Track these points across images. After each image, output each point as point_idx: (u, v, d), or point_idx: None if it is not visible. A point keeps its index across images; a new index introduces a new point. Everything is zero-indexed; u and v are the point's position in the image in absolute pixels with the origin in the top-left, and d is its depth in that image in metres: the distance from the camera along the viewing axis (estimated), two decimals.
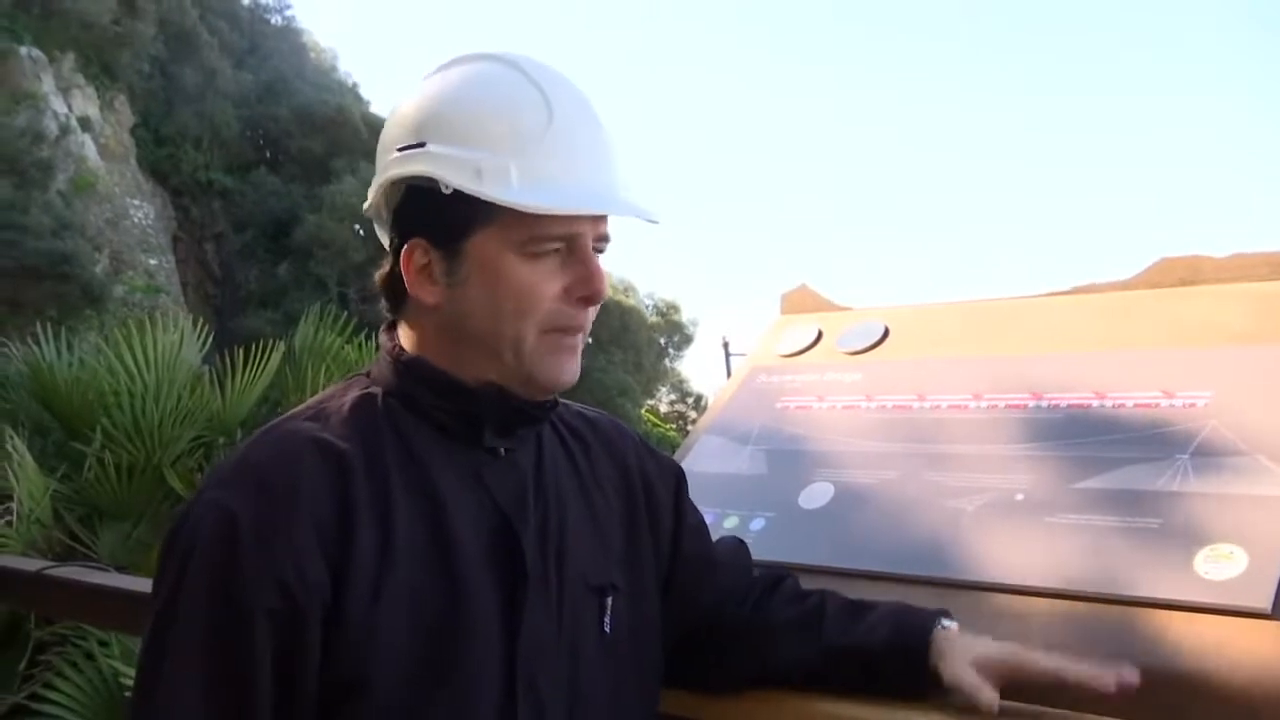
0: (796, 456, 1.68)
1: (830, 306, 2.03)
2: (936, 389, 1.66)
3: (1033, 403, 1.54)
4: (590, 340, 1.13)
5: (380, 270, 1.14)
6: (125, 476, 4.38)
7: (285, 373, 5.23)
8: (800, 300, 2.08)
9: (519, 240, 1.04)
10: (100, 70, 15.26)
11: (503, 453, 1.11)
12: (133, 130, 16.00)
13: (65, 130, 13.43)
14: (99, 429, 4.45)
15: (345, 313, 6.00)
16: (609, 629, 1.13)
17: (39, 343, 4.84)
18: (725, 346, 23.35)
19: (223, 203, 17.65)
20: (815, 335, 1.93)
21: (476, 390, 1.08)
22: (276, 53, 20.21)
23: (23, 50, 13.31)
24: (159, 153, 16.95)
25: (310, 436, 1.03)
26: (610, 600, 1.14)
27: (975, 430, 1.55)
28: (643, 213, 1.09)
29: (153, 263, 14.71)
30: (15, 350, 5.10)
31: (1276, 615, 1.12)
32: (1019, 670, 1.11)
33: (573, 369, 1.10)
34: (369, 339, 5.59)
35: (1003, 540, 1.36)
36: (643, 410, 23.69)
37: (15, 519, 3.92)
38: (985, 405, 1.58)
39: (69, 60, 14.44)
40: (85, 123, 14.27)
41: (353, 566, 0.98)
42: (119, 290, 12.63)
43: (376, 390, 1.11)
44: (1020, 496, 1.40)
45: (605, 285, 1.08)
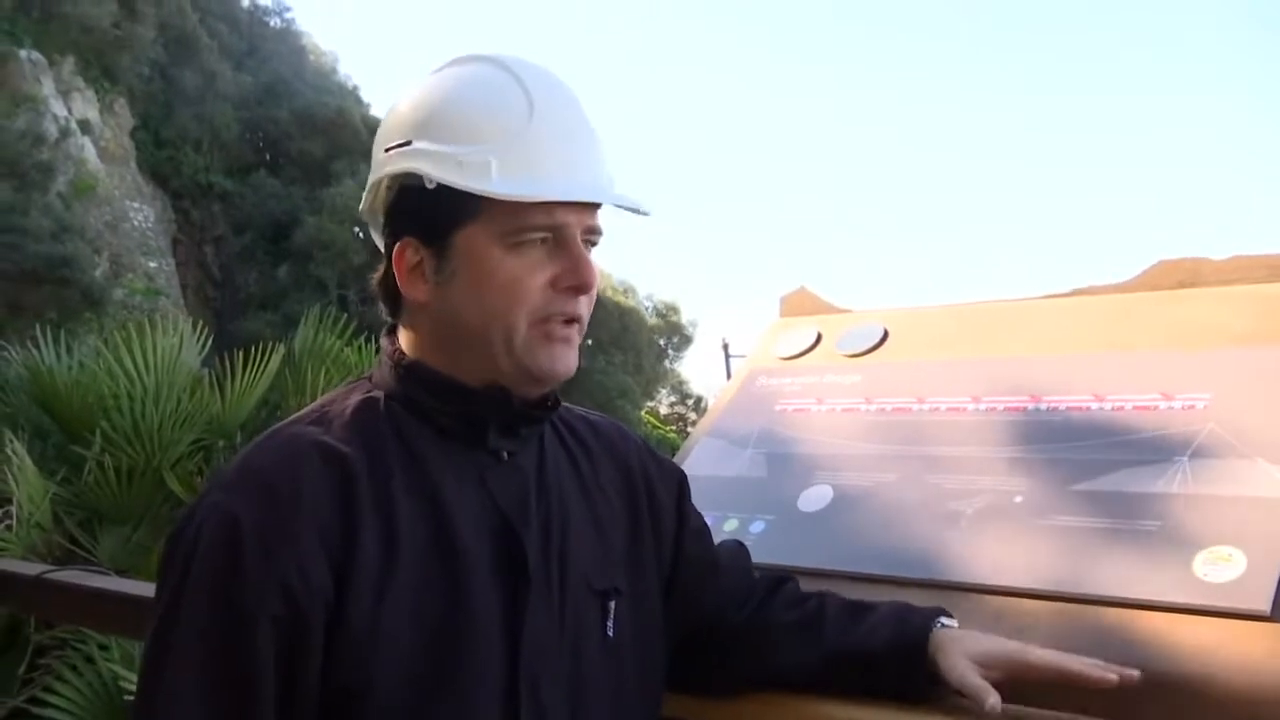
0: (796, 459, 1.68)
1: (829, 309, 2.03)
2: (935, 391, 1.66)
3: (1031, 405, 1.54)
4: (590, 342, 1.13)
5: (376, 273, 1.14)
6: (125, 480, 4.38)
7: (285, 375, 5.22)
8: (799, 302, 2.08)
9: (502, 232, 1.04)
10: (100, 73, 15.28)
11: (505, 455, 1.11)
12: (133, 133, 16.02)
13: (65, 133, 13.44)
14: (99, 432, 4.45)
15: (345, 315, 5.99)
16: (611, 632, 1.13)
17: (39, 346, 4.84)
18: (725, 348, 23.38)
19: (222, 205, 17.66)
20: (814, 338, 1.93)
21: (479, 391, 1.08)
22: (276, 55, 20.23)
23: (23, 53, 13.34)
24: (159, 155, 16.97)
25: (313, 440, 1.03)
26: (613, 604, 1.14)
27: (974, 432, 1.55)
28: (628, 202, 1.08)
29: (152, 265, 14.72)
30: (15, 353, 5.10)
31: (1275, 617, 1.12)
32: (1020, 666, 1.11)
33: (568, 359, 1.09)
34: (369, 341, 5.58)
35: (1002, 543, 1.36)
36: (643, 412, 23.68)
37: (15, 523, 3.91)
38: (984, 408, 1.58)
39: (69, 63, 14.46)
40: (85, 126, 14.28)
41: (355, 570, 0.98)
42: (119, 293, 12.64)
43: (379, 394, 1.10)
44: (1019, 499, 1.40)
45: (594, 275, 1.08)
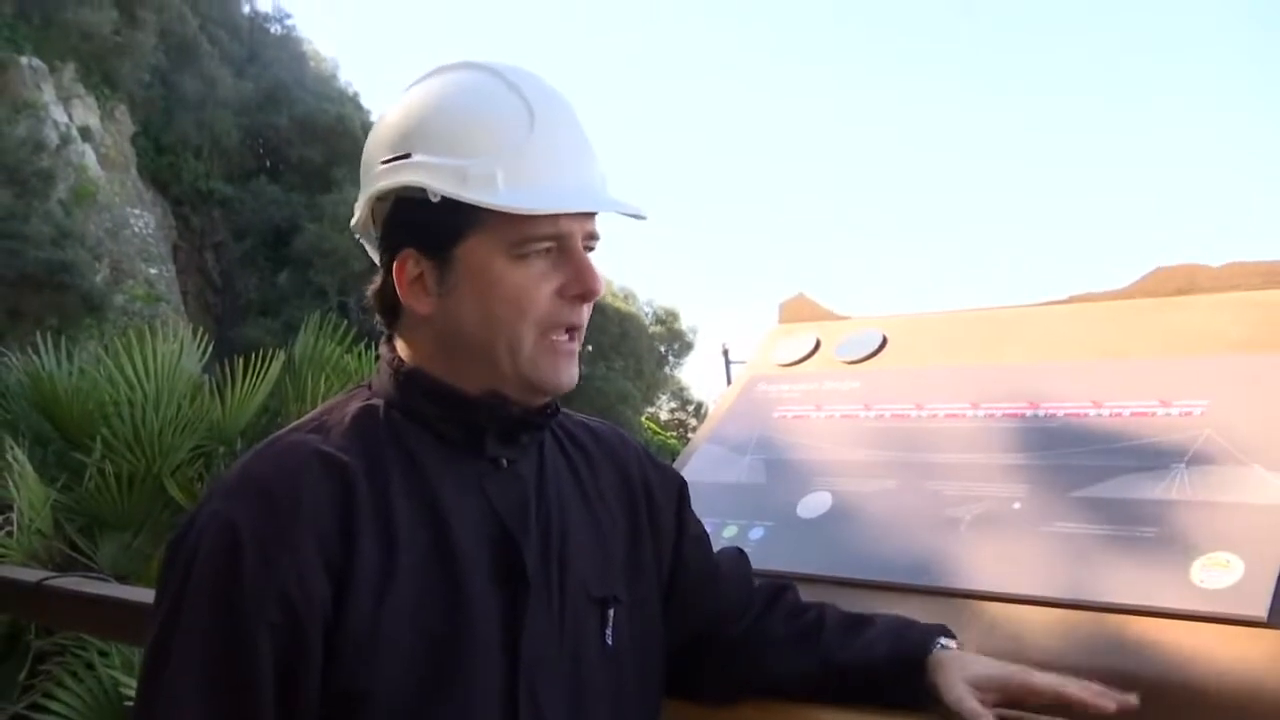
0: (795, 466, 1.68)
1: (828, 315, 2.04)
2: (934, 398, 1.66)
3: (1030, 412, 1.54)
4: (590, 348, 1.13)
5: (372, 285, 1.14)
6: (125, 486, 4.37)
7: (285, 382, 5.21)
8: (798, 309, 2.08)
9: (508, 243, 1.04)
10: (101, 80, 15.28)
11: (505, 463, 1.11)
12: (133, 139, 16.02)
13: (66, 140, 13.45)
14: (99, 438, 4.45)
15: (345, 322, 6.00)
16: (610, 640, 1.13)
17: (39, 352, 4.83)
18: (725, 354, 23.38)
19: (223, 211, 17.67)
20: (813, 344, 1.94)
21: (478, 399, 1.08)
22: (277, 62, 20.23)
23: (23, 60, 13.35)
24: (159, 162, 16.98)
25: (312, 448, 1.03)
26: (612, 612, 1.14)
27: (972, 439, 1.55)
28: (629, 208, 1.09)
29: (153, 272, 14.71)
30: (15, 360, 5.09)
31: (1273, 623, 1.13)
32: (1018, 689, 1.11)
33: (571, 371, 1.10)
34: (369, 348, 5.58)
35: (1000, 549, 1.36)
36: (643, 418, 23.67)
37: (16, 529, 3.92)
38: (982, 414, 1.59)
39: (69, 70, 14.47)
40: (86, 132, 14.29)
41: (355, 578, 0.98)
42: (119, 299, 12.63)
43: (378, 401, 1.11)
44: (1017, 505, 1.41)
45: (599, 282, 1.08)
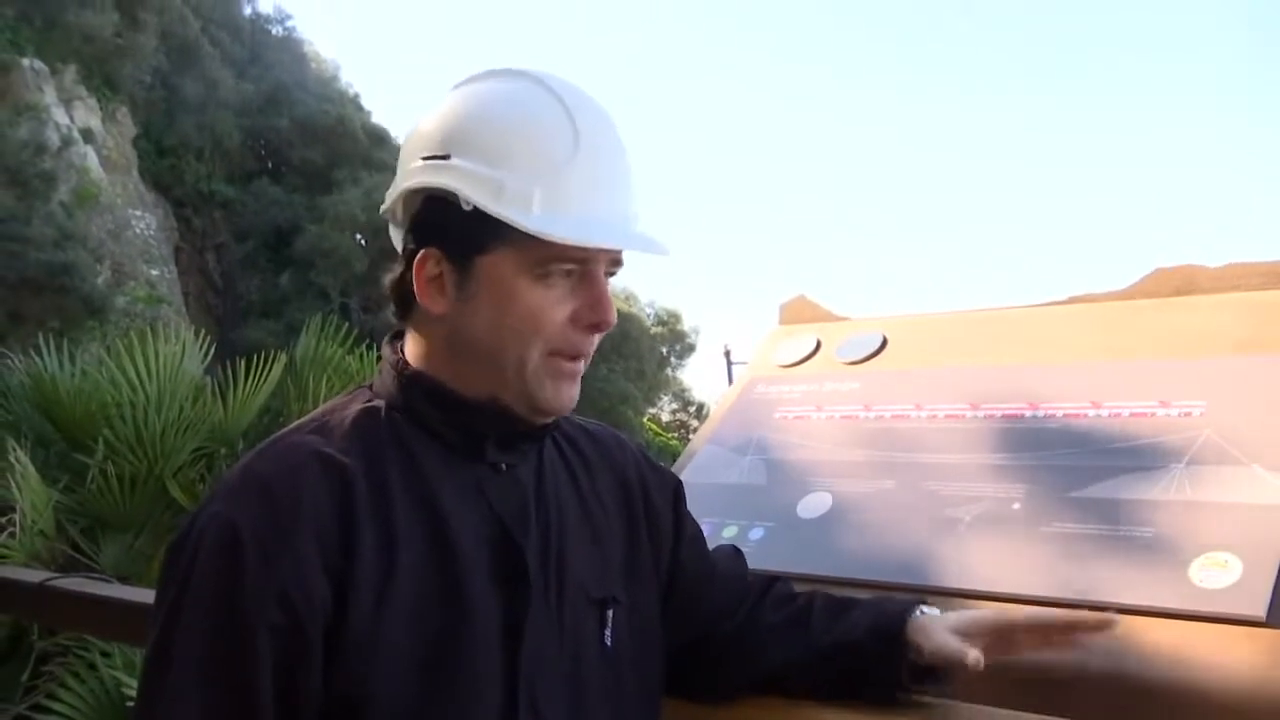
0: (795, 466, 1.69)
1: (828, 316, 2.05)
2: (934, 399, 1.67)
3: (1029, 412, 1.55)
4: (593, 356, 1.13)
5: (390, 274, 1.14)
6: (127, 487, 4.37)
7: (287, 383, 5.21)
8: (798, 310, 2.09)
9: (532, 261, 1.04)
10: (102, 82, 15.30)
11: (504, 467, 1.11)
12: (135, 141, 16.04)
13: (67, 142, 13.46)
14: (101, 440, 4.44)
15: (347, 323, 5.99)
16: (609, 642, 1.14)
17: (41, 354, 4.83)
18: (727, 355, 23.38)
19: (224, 213, 17.69)
20: (814, 345, 1.94)
21: (479, 406, 1.09)
22: (278, 63, 20.24)
23: (25, 62, 13.36)
24: (161, 163, 17.00)
25: (313, 450, 1.03)
26: (611, 613, 1.15)
27: (972, 440, 1.56)
28: (656, 246, 1.09)
29: (154, 273, 14.73)
30: (17, 361, 5.09)
31: (1271, 623, 1.13)
32: (999, 625, 1.12)
33: (572, 395, 1.11)
34: (370, 349, 5.58)
35: (999, 549, 1.37)
36: (644, 419, 23.68)
37: (18, 530, 3.92)
38: (982, 415, 1.59)
39: (71, 72, 14.49)
40: (87, 134, 14.30)
41: (355, 580, 0.98)
42: (121, 301, 12.64)
43: (380, 403, 1.11)
44: (1016, 505, 1.41)
45: (613, 314, 1.08)
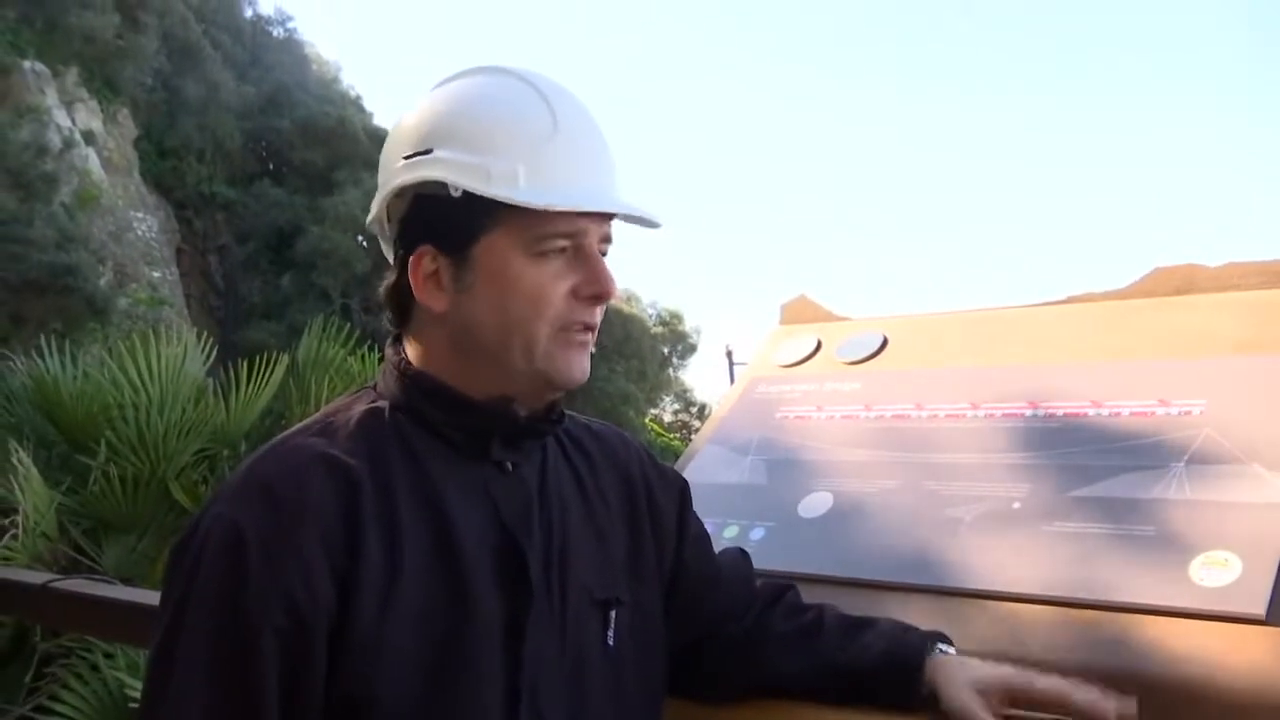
0: (796, 466, 1.69)
1: (829, 316, 2.05)
2: (934, 398, 1.67)
3: (1029, 412, 1.55)
4: (593, 350, 1.14)
5: (385, 282, 1.15)
6: (130, 489, 4.37)
7: (289, 385, 5.21)
8: (799, 310, 2.09)
9: (526, 240, 1.05)
10: (103, 84, 15.31)
11: (509, 466, 1.12)
12: (136, 143, 16.05)
13: (69, 143, 13.47)
14: (103, 442, 4.45)
15: (349, 324, 6.00)
16: (612, 642, 1.14)
17: (43, 356, 4.83)
18: (729, 355, 23.36)
19: (226, 215, 17.69)
20: (814, 345, 1.94)
21: (483, 404, 1.09)
22: (279, 65, 20.26)
23: (26, 64, 13.37)
24: (162, 165, 17.00)
25: (317, 451, 1.03)
26: (614, 613, 1.15)
27: (973, 439, 1.56)
28: (646, 214, 1.11)
29: (156, 275, 14.74)
30: (19, 363, 5.10)
31: (1271, 621, 1.13)
32: (1021, 693, 1.12)
33: (584, 365, 1.11)
34: (372, 350, 5.59)
35: (1000, 549, 1.37)
36: (646, 419, 23.67)
37: (21, 532, 3.92)
38: (983, 414, 1.59)
39: (72, 74, 14.50)
40: (89, 136, 14.31)
41: (360, 582, 0.98)
42: (123, 303, 12.64)
43: (383, 404, 1.11)
44: (1017, 505, 1.41)
45: (614, 284, 1.09)
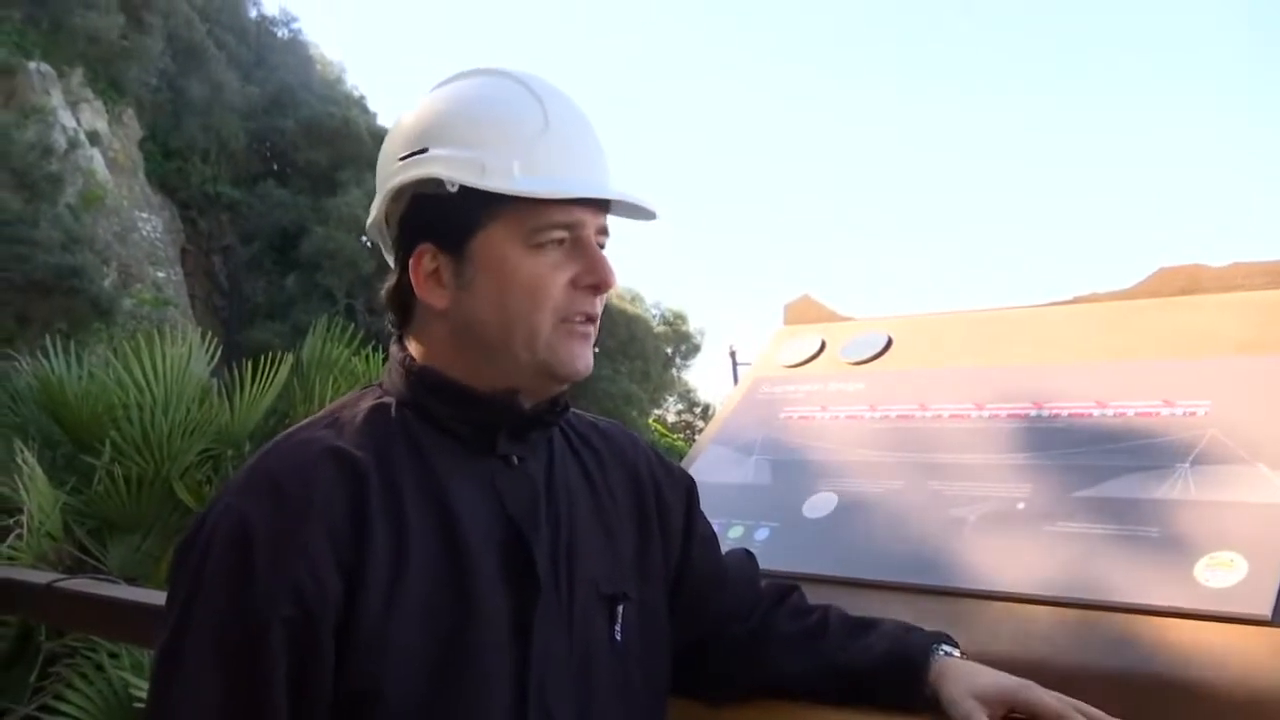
0: (800, 466, 1.69)
1: (833, 317, 2.05)
2: (939, 399, 1.67)
3: (1034, 412, 1.55)
4: (596, 350, 1.14)
5: (386, 284, 1.16)
6: (134, 489, 4.38)
7: (293, 385, 5.22)
8: (803, 310, 2.09)
9: (523, 233, 1.06)
10: (108, 84, 15.33)
11: (515, 461, 1.12)
12: (140, 143, 16.08)
13: (74, 144, 13.49)
14: (108, 442, 4.45)
15: (353, 324, 6.01)
16: (619, 637, 1.14)
17: (48, 356, 4.84)
18: (732, 355, 23.31)
19: (230, 215, 17.71)
20: (818, 346, 1.94)
21: (488, 397, 1.09)
22: (283, 65, 20.28)
23: (31, 65, 13.39)
24: (167, 166, 17.03)
25: (325, 445, 1.04)
26: (621, 609, 1.15)
27: (977, 440, 1.56)
28: (640, 201, 1.12)
29: (161, 275, 14.76)
30: (25, 363, 5.11)
31: (1277, 622, 1.13)
32: (1024, 706, 1.10)
33: (587, 356, 1.12)
34: (377, 351, 5.59)
35: (1004, 549, 1.37)
36: (650, 420, 23.66)
37: (25, 532, 3.92)
38: (987, 415, 1.59)
39: (77, 74, 14.52)
40: (94, 136, 14.33)
41: (367, 575, 0.98)
42: (127, 303, 12.66)
43: (390, 400, 1.11)
44: (1022, 505, 1.41)
45: (612, 273, 1.10)
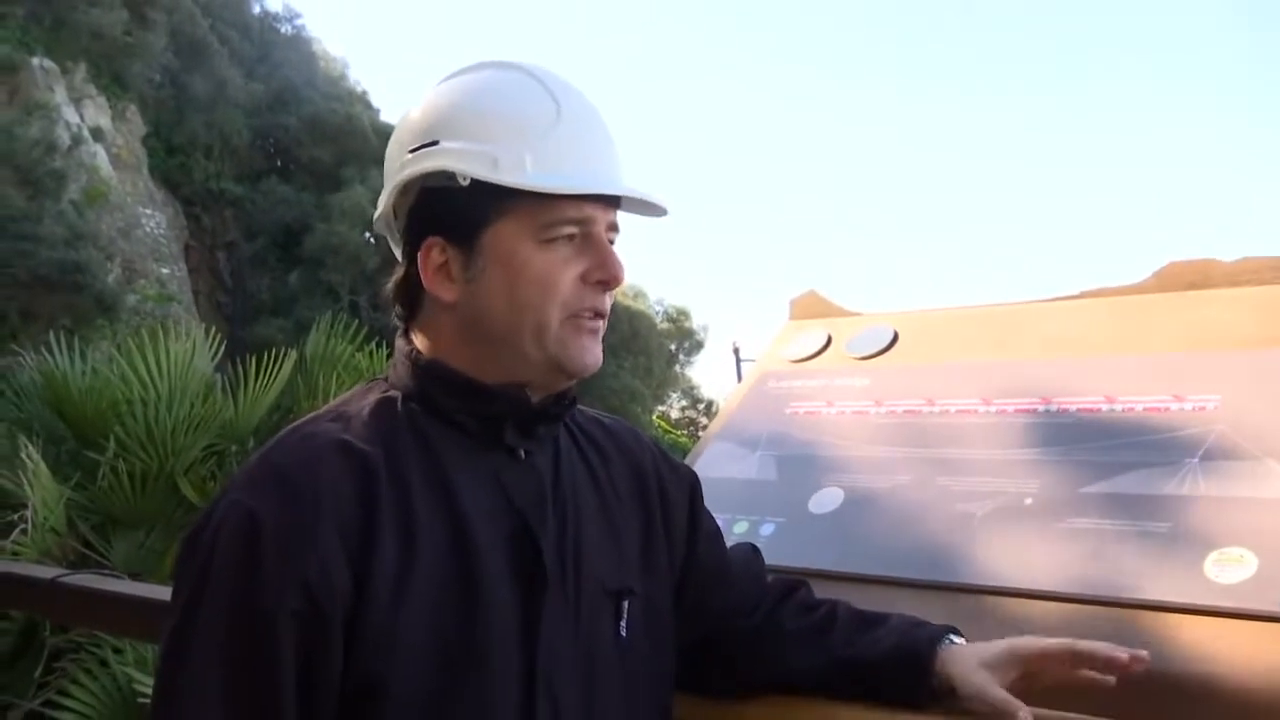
0: (806, 462, 1.68)
1: (839, 312, 2.04)
2: (945, 394, 1.66)
3: (1042, 407, 1.54)
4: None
5: (394, 277, 1.15)
6: (138, 484, 4.39)
7: (297, 381, 5.23)
8: (809, 305, 2.08)
9: (534, 227, 1.06)
10: (111, 80, 15.33)
11: (522, 455, 1.11)
12: (144, 140, 16.07)
13: (77, 140, 13.48)
14: (112, 437, 4.46)
15: (356, 321, 6.02)
16: (624, 633, 1.14)
17: (52, 352, 4.85)
18: (736, 352, 23.24)
19: (234, 211, 17.72)
20: (824, 340, 1.94)
21: (496, 390, 1.09)
22: (286, 62, 20.28)
23: (35, 61, 13.39)
24: (170, 162, 17.03)
25: (333, 439, 1.03)
26: (627, 604, 1.15)
27: (984, 435, 1.55)
28: (652, 198, 1.11)
29: (165, 272, 14.77)
30: (29, 359, 5.13)
31: None
32: (1033, 657, 1.11)
33: (596, 351, 1.11)
34: (380, 347, 5.59)
35: (1012, 544, 1.36)
36: (654, 416, 23.66)
37: (30, 527, 3.93)
38: (994, 410, 1.58)
39: (81, 71, 14.51)
40: (97, 133, 14.33)
41: (375, 570, 0.98)
42: (131, 299, 12.66)
43: (396, 394, 1.11)
44: (1030, 501, 1.41)
45: (622, 269, 1.10)
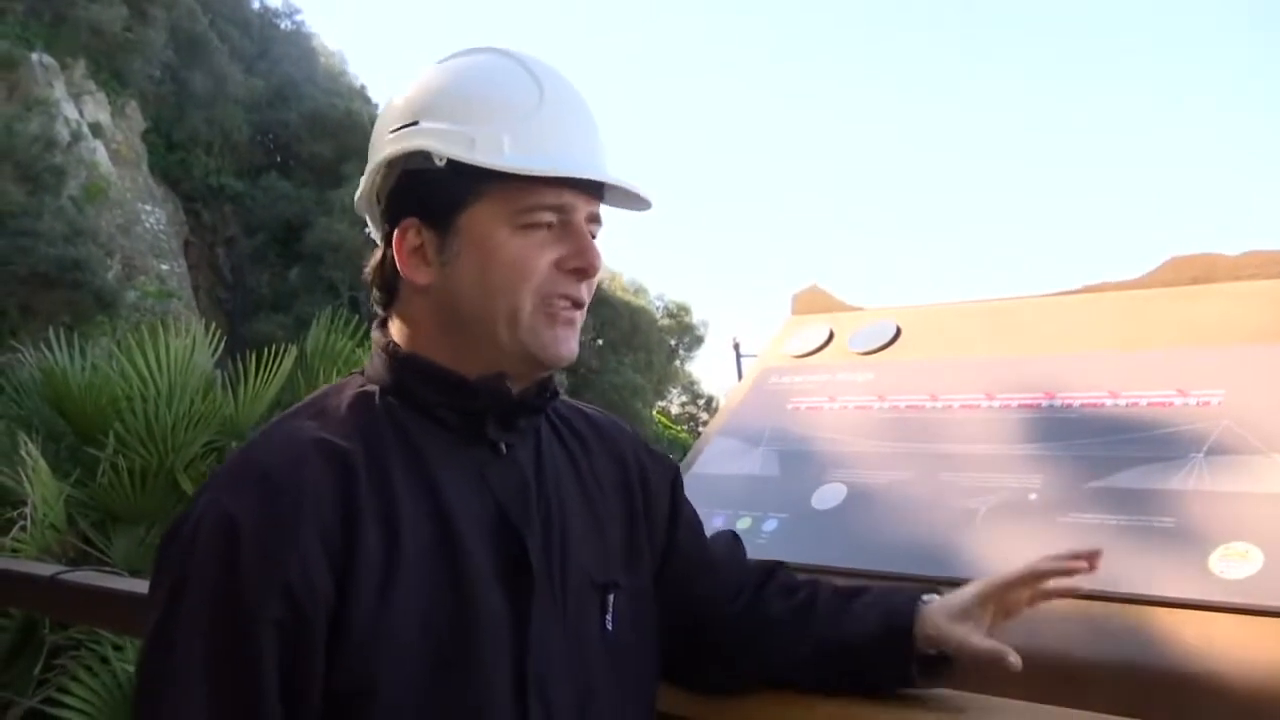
0: (809, 457, 1.68)
1: (841, 307, 2.03)
2: (949, 389, 1.65)
3: (1045, 402, 1.53)
4: (600, 342, 1.13)
5: (371, 261, 1.14)
6: (138, 481, 4.38)
7: (297, 377, 5.22)
8: (811, 300, 2.08)
9: (511, 211, 1.04)
10: (111, 76, 15.31)
11: (504, 449, 1.10)
12: (144, 136, 16.06)
13: (77, 136, 13.48)
14: (112, 434, 4.45)
15: (357, 316, 6.00)
16: (611, 626, 1.13)
17: (52, 348, 4.85)
18: (736, 347, 23.27)
19: (234, 207, 17.71)
20: (827, 335, 1.93)
21: (476, 383, 1.07)
22: (286, 57, 20.27)
23: (34, 57, 13.38)
24: (170, 158, 17.02)
25: (312, 437, 1.01)
26: (612, 597, 1.14)
27: (988, 430, 1.55)
28: (635, 187, 1.09)
29: (164, 268, 14.76)
30: (28, 356, 5.12)
31: None
32: (999, 591, 1.12)
33: (570, 342, 1.09)
34: None
35: (1016, 540, 1.36)
36: (654, 412, 23.66)
37: (29, 524, 3.93)
38: (998, 405, 1.58)
39: (80, 67, 14.50)
40: (97, 129, 14.32)
41: (358, 571, 0.96)
42: (131, 295, 12.66)
43: (373, 388, 1.09)
44: (1033, 496, 1.40)
45: (599, 259, 1.08)
